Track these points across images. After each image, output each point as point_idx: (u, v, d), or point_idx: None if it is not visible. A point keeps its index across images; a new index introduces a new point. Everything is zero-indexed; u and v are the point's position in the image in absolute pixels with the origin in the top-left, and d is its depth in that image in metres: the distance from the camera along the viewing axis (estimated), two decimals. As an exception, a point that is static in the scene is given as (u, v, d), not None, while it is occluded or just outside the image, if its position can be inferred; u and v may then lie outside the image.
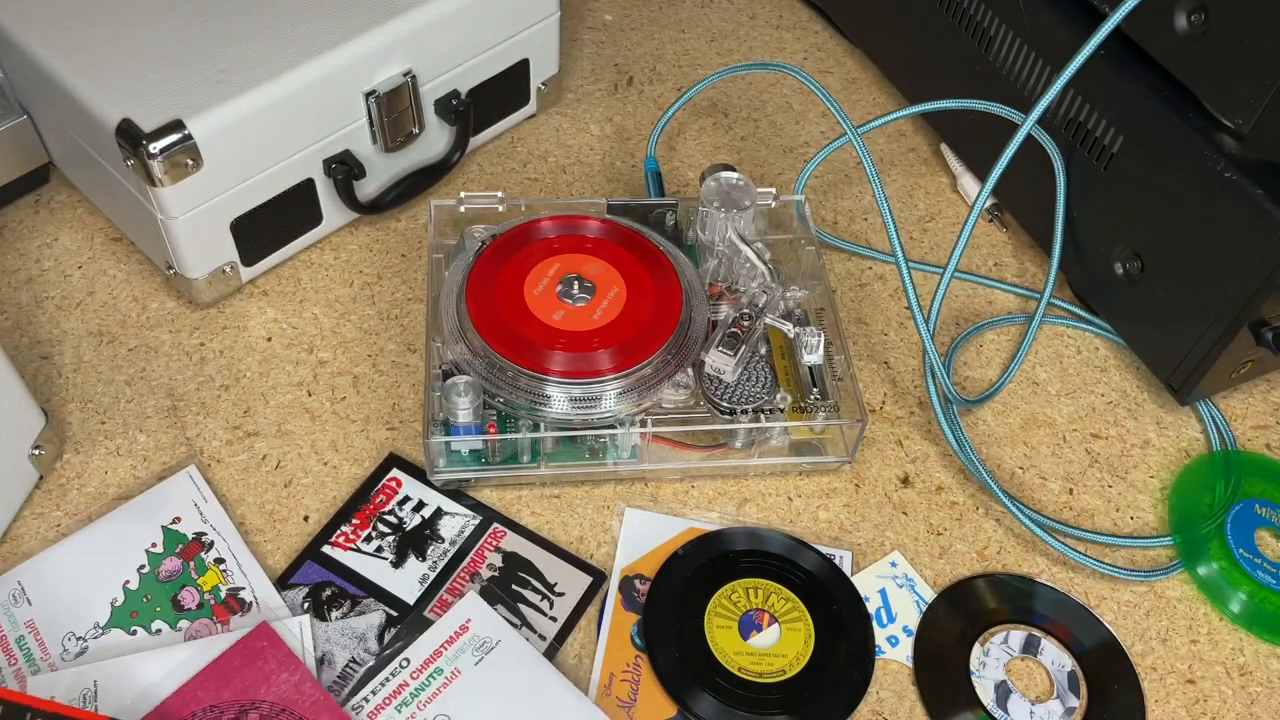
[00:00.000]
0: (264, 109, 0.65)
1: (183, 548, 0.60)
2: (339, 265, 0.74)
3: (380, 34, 0.68)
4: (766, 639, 0.58)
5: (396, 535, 0.61)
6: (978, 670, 0.58)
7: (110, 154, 0.65)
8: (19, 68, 0.69)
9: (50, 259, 0.73)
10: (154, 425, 0.65)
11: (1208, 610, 0.62)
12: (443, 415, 0.61)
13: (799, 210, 0.73)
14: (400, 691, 0.55)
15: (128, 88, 0.64)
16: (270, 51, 0.66)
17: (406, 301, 0.72)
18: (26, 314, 0.70)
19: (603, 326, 0.63)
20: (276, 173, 0.68)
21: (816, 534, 0.63)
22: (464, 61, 0.74)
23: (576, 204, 0.73)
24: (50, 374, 0.68)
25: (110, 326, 0.70)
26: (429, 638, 0.57)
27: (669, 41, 0.92)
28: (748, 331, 0.64)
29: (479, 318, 0.63)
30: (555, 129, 0.84)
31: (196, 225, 0.66)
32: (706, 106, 0.87)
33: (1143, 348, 0.69)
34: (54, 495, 0.62)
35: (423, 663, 0.56)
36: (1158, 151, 0.63)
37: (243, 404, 0.67)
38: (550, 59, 0.82)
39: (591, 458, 0.63)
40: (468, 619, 0.58)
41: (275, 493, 0.63)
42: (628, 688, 0.57)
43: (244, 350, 0.69)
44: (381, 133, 0.72)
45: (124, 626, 0.57)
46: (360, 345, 0.70)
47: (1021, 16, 0.70)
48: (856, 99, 0.89)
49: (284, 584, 0.59)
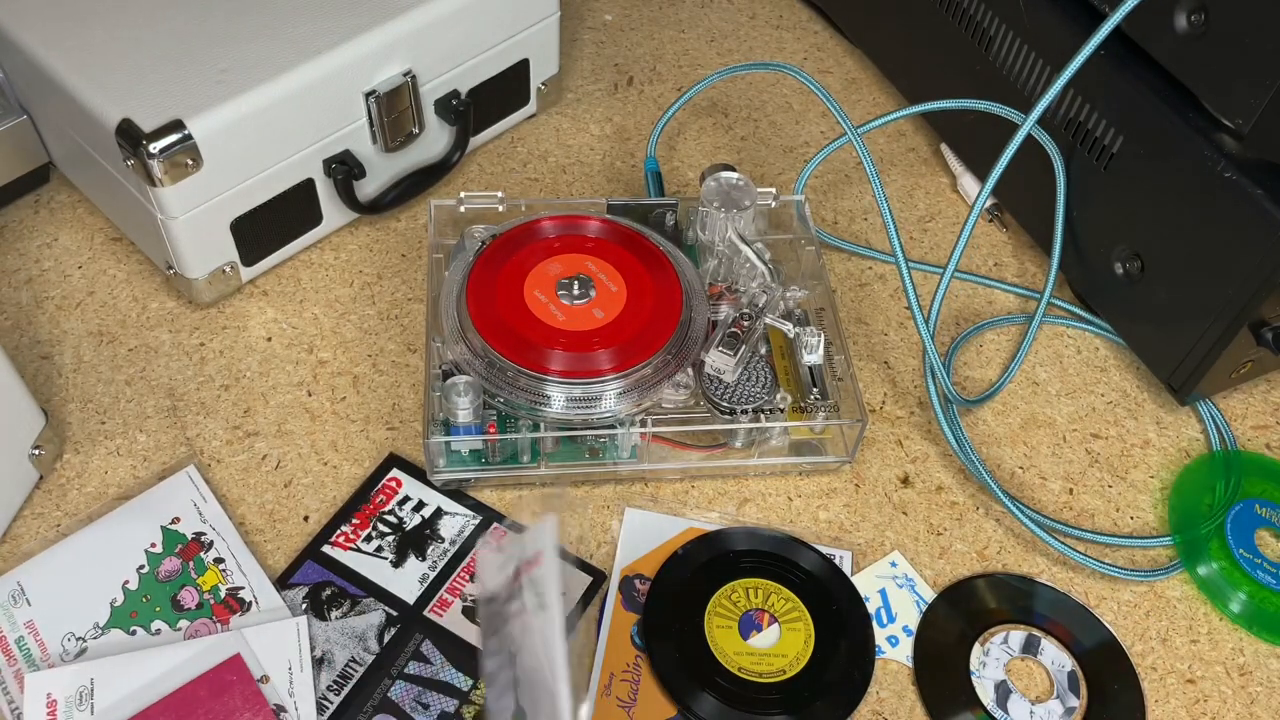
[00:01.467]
0: (264, 109, 0.65)
1: (182, 548, 0.60)
2: (339, 265, 0.74)
3: (380, 34, 0.68)
4: (766, 639, 0.58)
5: (396, 535, 0.61)
6: (978, 670, 0.58)
7: (110, 154, 0.65)
8: (19, 67, 0.69)
9: (50, 259, 0.73)
10: (154, 425, 0.65)
11: (1208, 610, 0.62)
12: (443, 415, 0.61)
13: (799, 210, 0.73)
14: None
15: (128, 87, 0.64)
16: (270, 51, 0.66)
17: (406, 301, 0.72)
18: (26, 314, 0.70)
19: (603, 326, 0.63)
20: (276, 173, 0.68)
21: (816, 534, 0.63)
22: (464, 61, 0.74)
23: (576, 204, 0.73)
24: (50, 374, 0.68)
25: (110, 326, 0.70)
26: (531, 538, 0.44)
27: (669, 41, 0.92)
28: (748, 331, 0.64)
29: (479, 318, 0.63)
30: (555, 129, 0.84)
31: (196, 225, 0.66)
32: (706, 106, 0.87)
33: (1143, 348, 0.69)
34: (54, 495, 0.62)
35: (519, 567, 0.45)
36: (1158, 151, 0.63)
37: (243, 404, 0.67)
38: (550, 59, 0.82)
39: (591, 458, 0.63)
40: (539, 550, 0.46)
41: (275, 492, 0.63)
42: (628, 688, 0.57)
43: (244, 350, 0.69)
44: (381, 133, 0.72)
45: (123, 626, 0.57)
46: (360, 345, 0.70)
47: (1021, 16, 0.70)
48: (856, 99, 0.89)
49: (284, 584, 0.59)
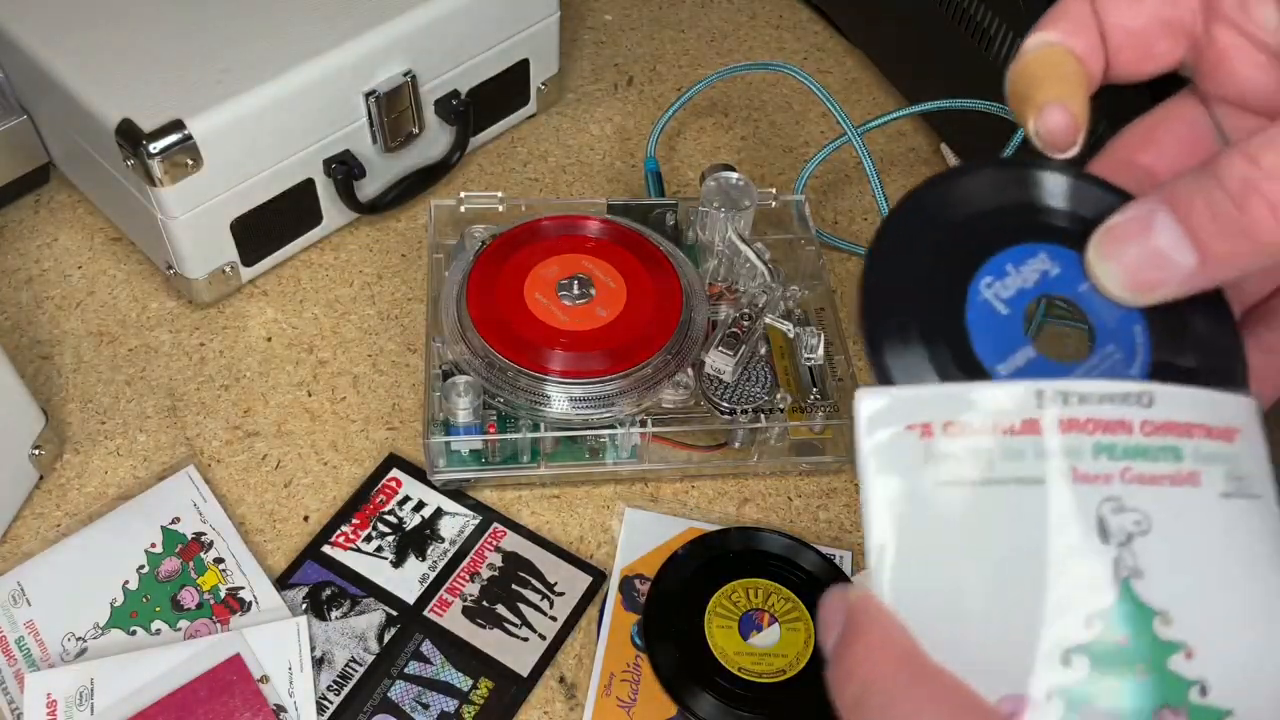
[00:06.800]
0: (264, 109, 0.65)
1: (182, 548, 0.60)
2: (339, 265, 0.74)
3: (380, 34, 0.68)
4: (767, 639, 0.58)
5: (396, 535, 0.61)
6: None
7: (110, 154, 0.65)
8: (19, 67, 0.69)
9: (50, 259, 0.73)
10: (154, 425, 0.65)
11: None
12: (443, 415, 0.61)
13: (799, 210, 0.73)
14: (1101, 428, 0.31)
15: (128, 87, 0.64)
16: (270, 51, 0.66)
17: (406, 301, 0.72)
18: (26, 314, 0.70)
19: (603, 326, 0.63)
20: (276, 173, 0.68)
21: (816, 534, 0.63)
22: (464, 61, 0.74)
23: (576, 204, 0.73)
24: (50, 374, 0.68)
25: (110, 326, 0.70)
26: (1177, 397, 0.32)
27: (669, 41, 0.92)
28: (748, 331, 0.64)
29: (479, 318, 0.63)
30: (555, 129, 0.84)
31: (196, 225, 0.66)
32: (707, 106, 0.87)
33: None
34: (54, 495, 0.62)
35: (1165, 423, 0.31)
36: (1158, 151, 0.63)
37: (243, 404, 0.67)
38: (550, 59, 0.82)
39: (591, 458, 0.63)
40: (1239, 427, 0.32)
41: (275, 493, 0.63)
42: (628, 688, 0.57)
43: (244, 350, 0.69)
44: (381, 133, 0.72)
45: (123, 627, 0.57)
46: (360, 345, 0.70)
47: (1021, 16, 0.70)
48: (856, 99, 0.89)
49: (284, 584, 0.59)
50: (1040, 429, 0.30)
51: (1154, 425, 0.32)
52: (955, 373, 0.32)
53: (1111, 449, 0.31)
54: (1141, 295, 0.32)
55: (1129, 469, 0.31)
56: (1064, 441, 0.30)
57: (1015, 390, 0.31)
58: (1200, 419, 0.32)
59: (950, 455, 0.30)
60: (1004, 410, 0.31)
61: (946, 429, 0.30)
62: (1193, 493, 0.31)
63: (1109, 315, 0.34)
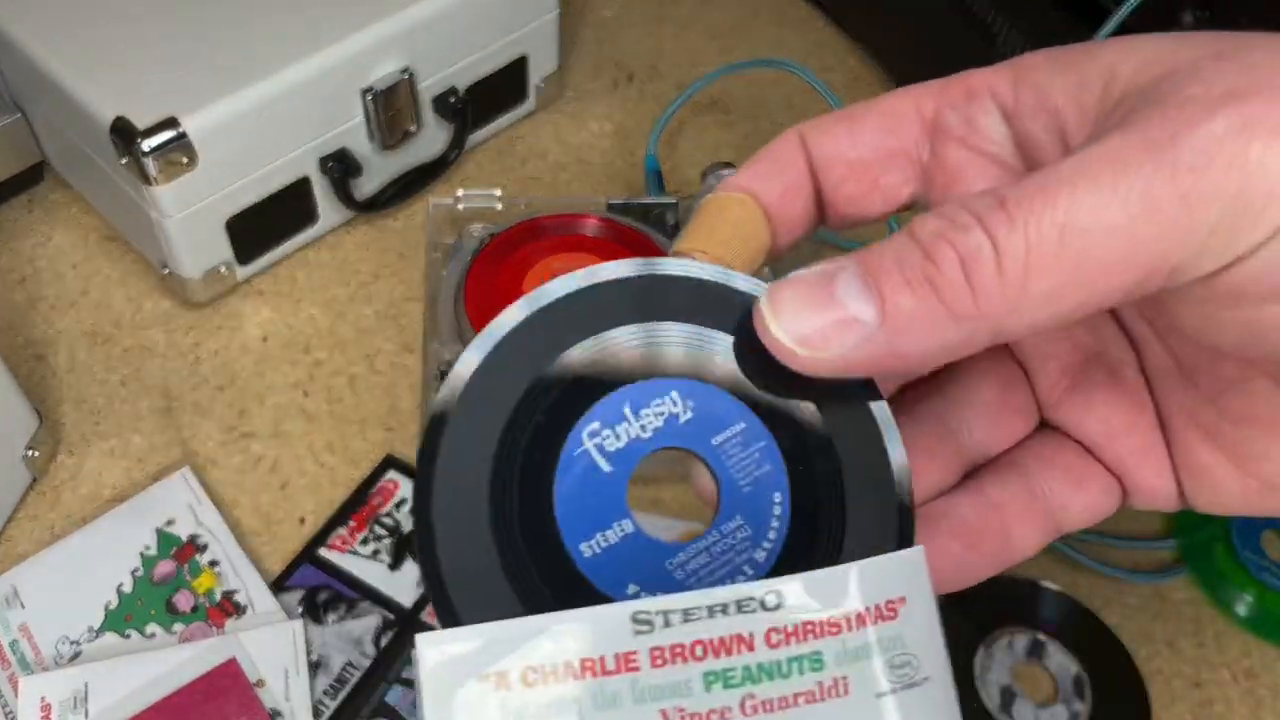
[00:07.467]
0: (260, 106, 0.64)
1: (177, 550, 0.59)
2: (335, 264, 0.73)
3: (377, 31, 0.68)
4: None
5: (393, 538, 0.61)
6: (981, 675, 0.58)
7: (104, 152, 0.64)
8: (12, 64, 0.69)
9: (44, 258, 0.73)
10: (149, 426, 0.65)
11: (1214, 613, 0.61)
12: (440, 416, 0.60)
13: (800, 209, 0.72)
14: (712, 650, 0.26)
15: (122, 84, 0.63)
16: (266, 48, 0.66)
17: (404, 301, 0.72)
18: (20, 314, 0.70)
19: (602, 326, 0.62)
20: (272, 171, 0.67)
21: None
22: (462, 59, 0.74)
23: (576, 202, 0.72)
24: (44, 374, 0.67)
25: (105, 326, 0.69)
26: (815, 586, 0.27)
27: (669, 38, 0.92)
28: (748, 331, 0.64)
29: (478, 317, 0.62)
30: (554, 127, 0.84)
31: (191, 224, 0.65)
32: (707, 104, 0.86)
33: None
34: (48, 497, 0.62)
35: (799, 626, 0.27)
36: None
37: (238, 405, 0.66)
38: (549, 56, 0.81)
39: (590, 459, 0.63)
40: (903, 595, 0.27)
41: (271, 495, 0.62)
42: (627, 692, 0.56)
43: (239, 350, 0.69)
44: (378, 130, 0.71)
45: (118, 630, 0.57)
46: (357, 345, 0.69)
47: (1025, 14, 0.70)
48: (859, 97, 0.88)
49: (279, 587, 0.59)
50: (638, 664, 0.25)
51: (784, 632, 0.26)
52: (536, 584, 0.26)
53: (728, 675, 0.25)
54: (813, 352, 0.27)
55: (750, 697, 0.25)
56: (665, 677, 0.25)
57: (607, 617, 0.25)
58: (851, 606, 0.27)
59: (530, 710, 0.24)
60: (592, 646, 0.25)
61: (525, 678, 0.25)
62: (840, 705, 0.26)
63: (744, 476, 0.28)
